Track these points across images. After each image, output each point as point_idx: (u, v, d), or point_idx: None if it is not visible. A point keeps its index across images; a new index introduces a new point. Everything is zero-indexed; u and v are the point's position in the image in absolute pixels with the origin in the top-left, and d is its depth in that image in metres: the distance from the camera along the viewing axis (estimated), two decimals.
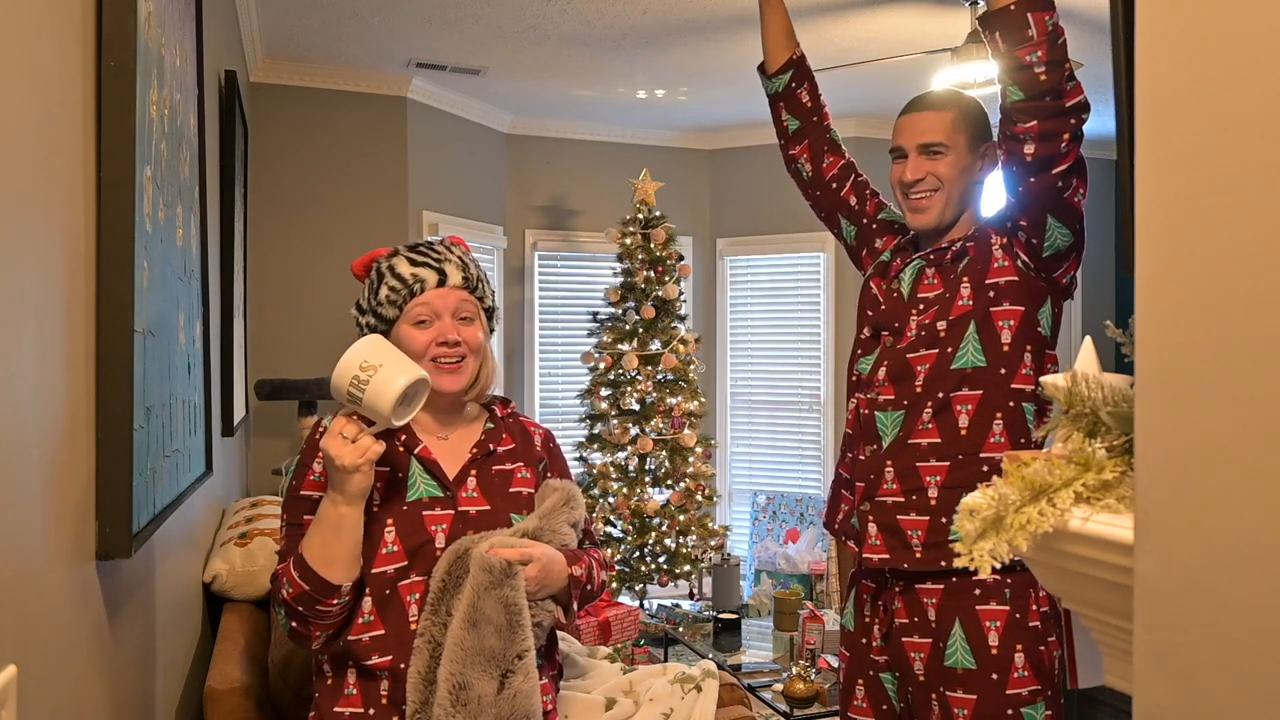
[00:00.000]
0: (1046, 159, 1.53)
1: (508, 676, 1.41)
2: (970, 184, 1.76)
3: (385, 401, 1.34)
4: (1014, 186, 1.61)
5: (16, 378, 0.85)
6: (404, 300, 1.53)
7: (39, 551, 0.92)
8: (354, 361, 1.35)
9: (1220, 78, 0.57)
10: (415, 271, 1.53)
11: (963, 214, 1.77)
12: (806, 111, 1.95)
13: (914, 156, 1.74)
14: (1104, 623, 0.78)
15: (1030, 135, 1.52)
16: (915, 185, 1.74)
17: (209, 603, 2.39)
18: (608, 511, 4.83)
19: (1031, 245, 1.62)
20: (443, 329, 1.53)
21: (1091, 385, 0.83)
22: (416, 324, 1.52)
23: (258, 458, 4.29)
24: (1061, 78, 1.50)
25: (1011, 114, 1.54)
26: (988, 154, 1.76)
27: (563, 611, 1.55)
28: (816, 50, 4.13)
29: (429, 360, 1.52)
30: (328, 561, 1.40)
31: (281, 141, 4.42)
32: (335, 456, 1.36)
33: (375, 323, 1.55)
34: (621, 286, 4.93)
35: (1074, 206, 1.59)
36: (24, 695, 0.84)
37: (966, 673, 1.62)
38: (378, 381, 1.34)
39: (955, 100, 1.76)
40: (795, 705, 3.16)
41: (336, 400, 1.40)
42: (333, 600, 1.41)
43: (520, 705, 1.41)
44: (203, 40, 2.02)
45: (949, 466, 1.65)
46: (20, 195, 0.86)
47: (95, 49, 1.11)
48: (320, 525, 1.41)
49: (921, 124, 1.75)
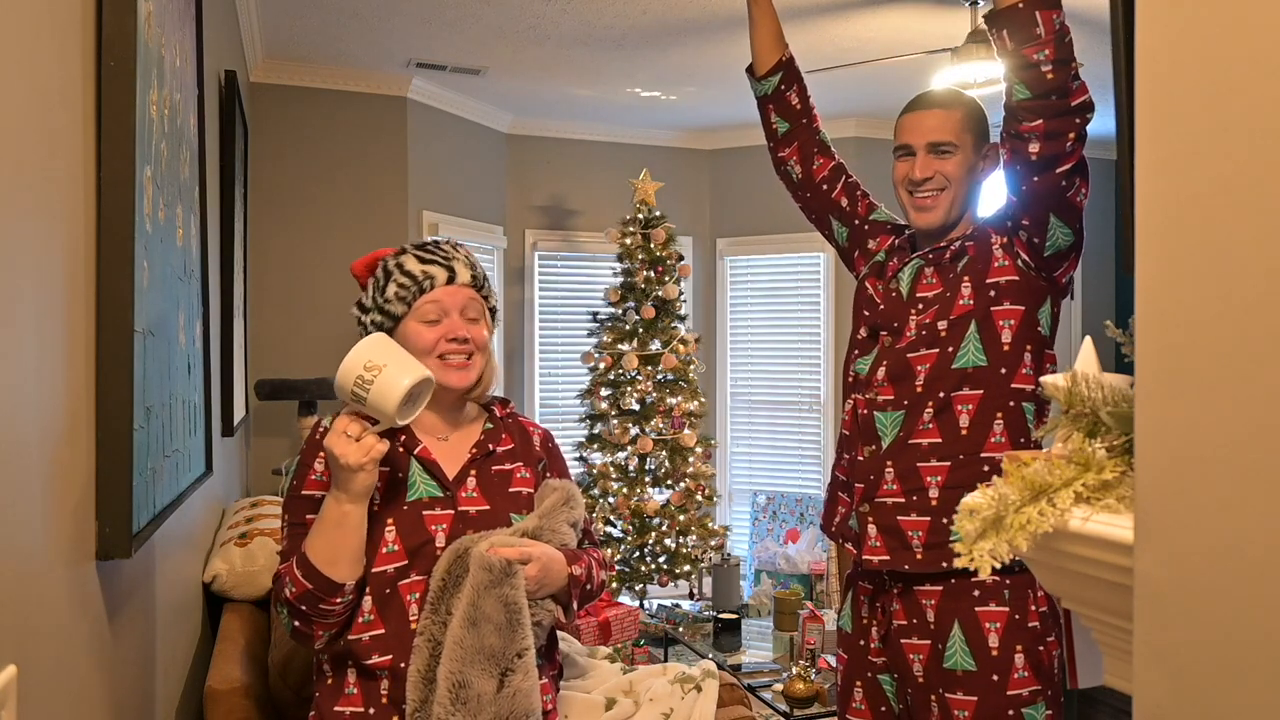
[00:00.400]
0: (1051, 158, 1.53)
1: (507, 675, 1.41)
2: (973, 184, 1.76)
3: (390, 401, 1.34)
4: (1017, 185, 1.60)
5: (16, 378, 0.85)
6: (413, 297, 1.53)
7: (39, 551, 0.92)
8: (358, 361, 1.35)
9: (1220, 78, 0.57)
10: (425, 269, 1.53)
11: (964, 214, 1.77)
12: (796, 114, 1.95)
13: (923, 154, 1.74)
14: (1104, 623, 0.78)
15: (1035, 134, 1.52)
16: (923, 184, 1.73)
17: (209, 603, 2.39)
18: (608, 511, 4.83)
19: (1033, 244, 1.62)
20: (452, 325, 1.53)
21: (1091, 385, 0.83)
22: (425, 321, 1.52)
23: (258, 458, 4.29)
24: (1068, 76, 1.49)
25: (1017, 112, 1.54)
26: (989, 154, 1.76)
27: (562, 611, 1.55)
28: (816, 50, 4.13)
29: (436, 357, 1.52)
30: (331, 560, 1.40)
31: (281, 141, 4.42)
32: (340, 455, 1.36)
33: (382, 320, 1.54)
34: (621, 286, 4.93)
35: (1076, 206, 1.59)
36: (24, 695, 0.84)
37: (966, 674, 1.61)
38: (382, 381, 1.34)
39: (961, 100, 1.76)
40: (795, 705, 3.16)
41: (340, 399, 1.40)
42: (336, 599, 1.42)
43: (520, 704, 1.41)
44: (203, 40, 2.02)
45: (950, 466, 1.65)
46: (20, 195, 0.86)
47: (95, 49, 1.11)
48: (324, 524, 1.41)
49: (930, 122, 1.74)
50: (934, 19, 3.76)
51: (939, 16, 3.73)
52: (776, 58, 1.94)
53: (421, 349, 1.51)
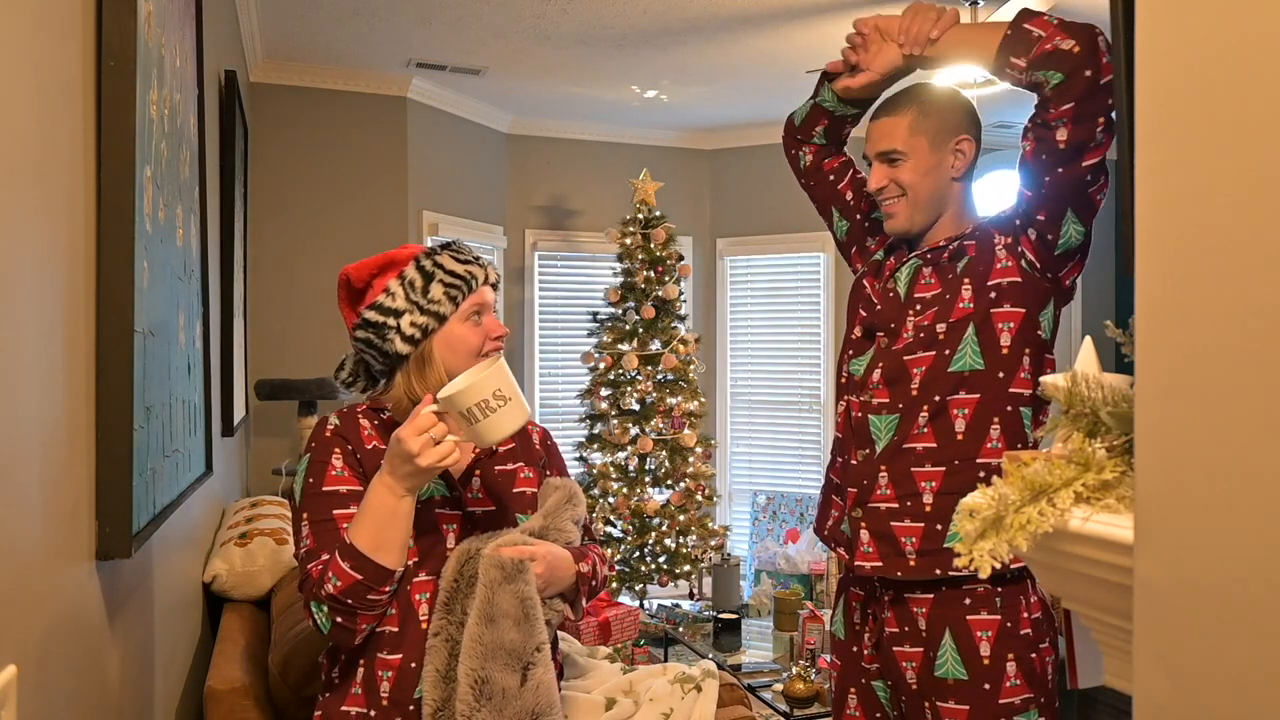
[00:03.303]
0: (1080, 144, 1.50)
1: (529, 669, 1.42)
2: (941, 183, 1.70)
3: (500, 432, 1.37)
4: (1039, 178, 1.57)
5: (17, 378, 0.85)
6: (462, 296, 1.54)
7: (39, 551, 0.92)
8: (491, 385, 1.36)
9: (1220, 79, 0.57)
10: (468, 268, 1.55)
11: (940, 215, 1.72)
12: (830, 150, 1.93)
13: (875, 164, 1.72)
14: (1104, 623, 0.78)
15: (1065, 119, 1.49)
16: (879, 193, 1.72)
17: (209, 603, 2.39)
18: (608, 511, 4.83)
19: (1045, 242, 1.60)
20: (492, 324, 1.57)
21: (1091, 385, 0.83)
22: (468, 320, 1.54)
23: (258, 458, 4.29)
24: (1095, 47, 1.47)
25: (1049, 101, 1.51)
26: (961, 148, 1.70)
27: (570, 608, 1.56)
28: (816, 50, 4.13)
29: (481, 355, 1.55)
30: (382, 548, 1.39)
31: (281, 141, 4.42)
32: (416, 452, 1.34)
33: (426, 321, 1.51)
34: (621, 286, 4.93)
35: (1094, 203, 1.57)
36: (24, 695, 0.84)
37: (958, 683, 1.60)
38: (505, 413, 1.36)
39: (914, 98, 1.71)
40: (795, 705, 3.16)
41: (443, 407, 1.37)
42: (385, 588, 1.41)
43: (544, 696, 1.42)
44: (203, 40, 2.03)
45: (945, 472, 1.62)
46: (20, 195, 0.86)
47: (95, 49, 1.11)
48: (374, 514, 1.39)
49: (878, 130, 1.71)
50: None
51: None
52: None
53: (471, 349, 1.53)
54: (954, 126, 1.70)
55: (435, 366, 1.52)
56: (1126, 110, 1.26)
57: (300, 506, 1.50)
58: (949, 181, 1.71)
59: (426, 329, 1.51)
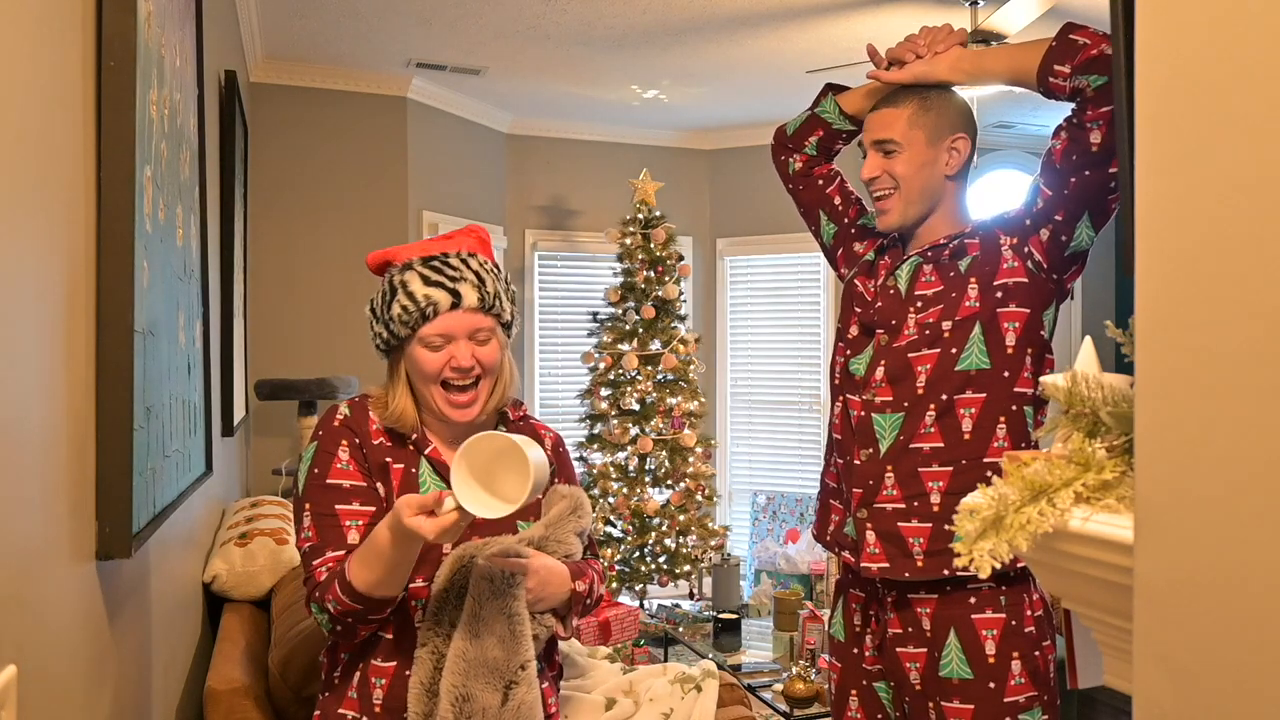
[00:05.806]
0: (1112, 148, 1.50)
1: (511, 688, 1.40)
2: (934, 178, 1.70)
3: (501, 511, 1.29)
4: (1065, 179, 1.56)
5: (17, 378, 0.85)
6: (416, 323, 1.46)
7: (39, 551, 0.92)
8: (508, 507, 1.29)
9: (1219, 78, 0.57)
10: (428, 292, 1.45)
11: (932, 212, 1.72)
12: (820, 160, 1.95)
13: (871, 153, 1.72)
14: (1104, 623, 0.78)
15: (1103, 120, 1.50)
16: (872, 183, 1.72)
17: (209, 603, 2.39)
18: (608, 511, 4.83)
19: (1058, 243, 1.60)
20: (455, 354, 1.46)
21: (1091, 385, 0.83)
22: (429, 346, 1.46)
23: (258, 458, 4.29)
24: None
25: (1089, 102, 1.51)
26: (956, 146, 1.70)
27: (561, 624, 1.53)
28: (816, 50, 4.13)
29: (439, 384, 1.47)
30: (382, 586, 1.37)
31: (281, 141, 4.42)
32: (417, 528, 1.28)
33: (388, 337, 1.49)
34: (621, 286, 4.93)
35: (1109, 211, 1.57)
36: (24, 695, 0.84)
37: (963, 683, 1.60)
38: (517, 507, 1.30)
39: (916, 94, 1.72)
40: (795, 705, 3.16)
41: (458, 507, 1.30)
42: (384, 613, 1.41)
43: (524, 716, 1.40)
44: (203, 40, 2.02)
45: (952, 472, 1.62)
46: (20, 195, 0.86)
47: (95, 49, 1.11)
48: (378, 559, 1.35)
49: (878, 120, 1.72)
50: (934, 19, 3.76)
51: (939, 16, 3.73)
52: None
53: (427, 376, 1.46)
54: (951, 124, 1.71)
55: (401, 378, 1.51)
56: (1126, 110, 1.26)
57: (303, 495, 1.48)
58: (942, 178, 1.71)
59: (389, 342, 1.50)
